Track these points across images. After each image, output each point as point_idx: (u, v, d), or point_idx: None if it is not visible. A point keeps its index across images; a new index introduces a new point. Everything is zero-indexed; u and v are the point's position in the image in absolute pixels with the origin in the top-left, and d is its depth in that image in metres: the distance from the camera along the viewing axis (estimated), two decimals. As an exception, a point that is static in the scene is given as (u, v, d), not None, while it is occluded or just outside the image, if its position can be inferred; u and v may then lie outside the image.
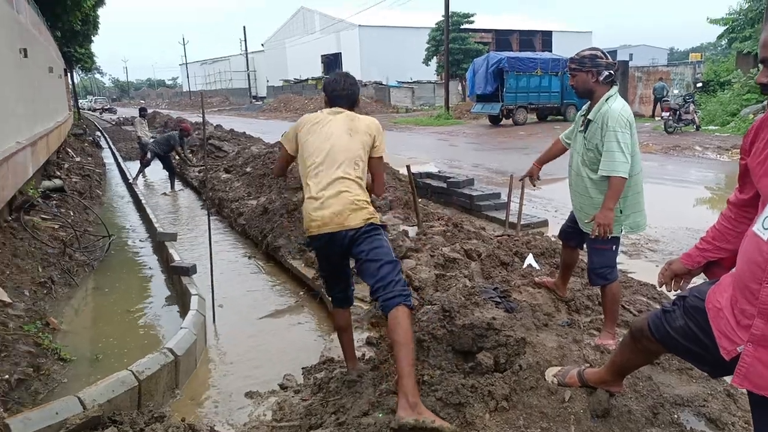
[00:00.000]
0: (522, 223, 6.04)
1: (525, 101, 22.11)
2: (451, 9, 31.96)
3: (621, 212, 3.10)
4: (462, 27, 36.40)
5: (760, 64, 1.41)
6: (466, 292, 3.46)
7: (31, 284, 4.41)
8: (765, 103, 14.95)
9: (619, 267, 4.89)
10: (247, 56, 56.81)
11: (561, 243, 3.81)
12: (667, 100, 17.30)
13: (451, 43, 32.56)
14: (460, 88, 35.36)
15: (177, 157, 10.80)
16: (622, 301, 3.91)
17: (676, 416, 2.42)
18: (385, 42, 44.59)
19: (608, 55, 3.12)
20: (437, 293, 3.67)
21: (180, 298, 4.60)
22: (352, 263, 2.85)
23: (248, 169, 9.00)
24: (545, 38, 50.57)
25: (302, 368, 3.28)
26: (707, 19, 22.87)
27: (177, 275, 4.75)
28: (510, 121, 22.20)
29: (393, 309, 2.43)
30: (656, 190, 8.52)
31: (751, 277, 1.46)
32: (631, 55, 54.95)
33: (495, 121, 22.76)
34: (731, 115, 16.69)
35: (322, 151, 2.70)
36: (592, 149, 3.07)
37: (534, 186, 3.89)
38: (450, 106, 28.66)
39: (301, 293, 4.75)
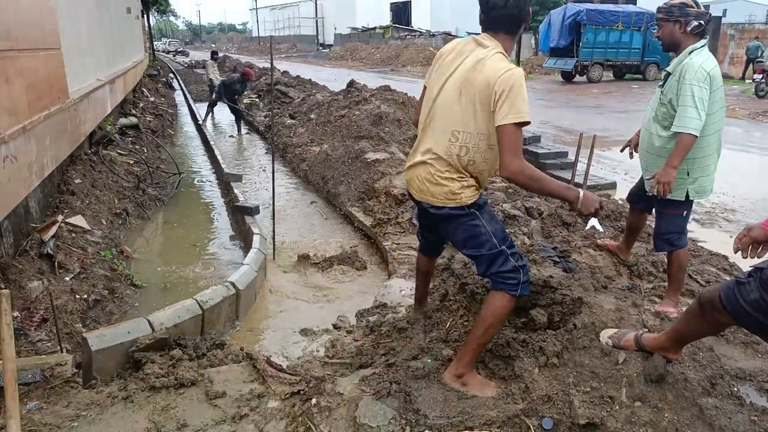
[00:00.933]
0: (589, 184, 5.81)
1: (602, 57, 20.88)
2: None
3: (688, 174, 2.93)
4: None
5: None
6: (525, 250, 3.41)
7: (107, 214, 4.70)
8: None
9: (689, 235, 4.67)
10: (316, 2, 56.32)
11: (629, 206, 3.67)
12: (761, 61, 15.88)
13: (528, -7, 30.85)
14: (533, 41, 33.78)
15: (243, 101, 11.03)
16: (689, 270, 3.75)
17: (735, 389, 2.32)
18: (454, -13, 42.99)
19: (699, 4, 2.88)
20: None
21: (243, 237, 4.78)
22: None
23: (312, 116, 9.07)
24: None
25: (357, 311, 3.37)
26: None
27: (241, 214, 4.93)
28: (584, 78, 21.12)
29: (494, 291, 2.27)
30: (739, 157, 7.97)
31: None
32: (725, 11, 50.47)
33: (568, 77, 21.69)
34: (835, 80, 15.17)
35: (427, 106, 2.23)
36: (666, 104, 2.89)
37: (632, 157, 3.51)
38: (522, 60, 27.50)
39: (359, 239, 4.83)
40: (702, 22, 2.83)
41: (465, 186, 2.19)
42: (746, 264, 1.99)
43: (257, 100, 11.87)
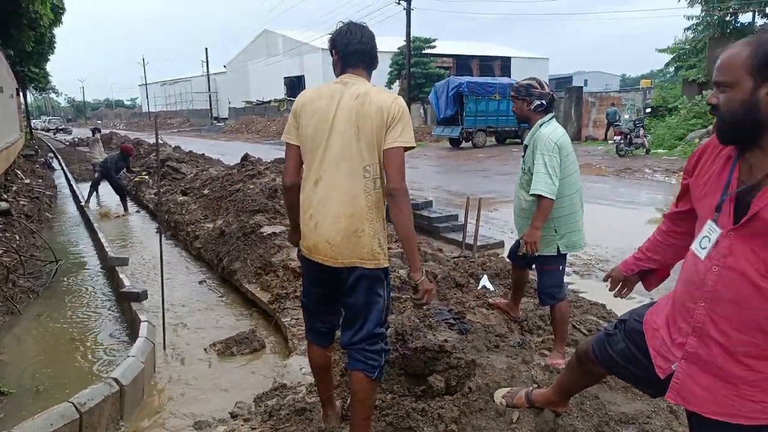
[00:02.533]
0: (478, 244, 6.13)
1: (484, 124, 22.60)
2: (414, 34, 32.57)
3: (556, 231, 3.20)
4: (424, 52, 37.11)
5: (714, 86, 1.44)
6: (421, 314, 3.48)
7: (-32, 313, 4.20)
8: (710, 127, 15.69)
9: (570, 287, 5.03)
10: (209, 77, 56.38)
11: (511, 264, 3.90)
12: (619, 125, 17.96)
13: (414, 67, 33.11)
14: (422, 111, 35.89)
15: (129, 178, 10.59)
16: (573, 321, 4.00)
17: (620, 434, 2.47)
18: (347, 65, 44.88)
19: (545, 85, 3.28)
20: (392, 316, 3.67)
21: (129, 326, 4.46)
22: None
23: (206, 192, 8.88)
24: (504, 64, 51.95)
25: (255, 396, 3.22)
26: (656, 48, 24.09)
27: (127, 301, 4.61)
28: (470, 144, 22.63)
29: (354, 372, 2.22)
30: (608, 211, 8.80)
31: (687, 296, 1.51)
32: (586, 81, 57.02)
33: (456, 143, 23.15)
34: (678, 139, 17.45)
35: (318, 149, 2.13)
36: (527, 172, 3.20)
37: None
38: (412, 128, 28.94)
39: (257, 318, 4.68)
40: (544, 101, 3.21)
41: (380, 244, 2.16)
42: (622, 311, 2.18)
43: (146, 177, 11.44)
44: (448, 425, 2.34)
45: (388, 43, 42.58)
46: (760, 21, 19.21)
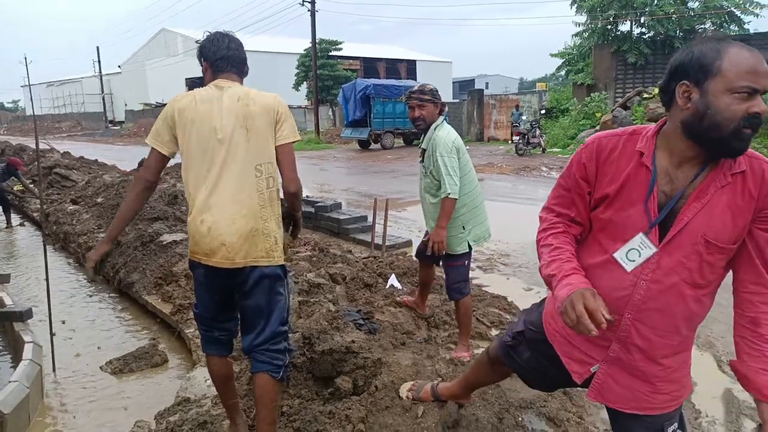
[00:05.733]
0: (387, 244, 6.21)
1: (392, 126, 22.98)
2: (320, 36, 32.41)
3: (464, 228, 3.33)
4: (330, 54, 37.09)
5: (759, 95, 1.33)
6: (330, 317, 3.47)
7: None
8: (597, 127, 16.95)
9: (475, 281, 5.22)
10: (101, 78, 52.87)
11: (418, 262, 3.99)
12: (517, 125, 18.97)
13: (321, 69, 33.02)
14: (330, 113, 35.85)
15: (15, 191, 9.70)
16: (476, 314, 4.17)
17: (520, 419, 2.60)
18: (253, 67, 43.55)
19: None
20: (300, 320, 3.63)
21: (12, 348, 4.08)
22: None
23: (100, 200, 8.31)
24: (410, 66, 53.11)
25: (157, 413, 3.05)
26: (549, 53, 25.69)
27: (9, 321, 4.21)
28: (379, 146, 22.91)
29: (258, 375, 2.20)
30: (509, 208, 9.24)
31: (610, 306, 1.43)
32: (487, 84, 59.66)
33: (364, 145, 23.35)
34: (570, 139, 18.70)
35: (206, 154, 2.10)
36: (429, 175, 3.29)
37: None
38: (321, 130, 28.90)
39: (158, 331, 4.45)
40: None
41: (276, 242, 2.17)
42: (522, 303, 2.27)
43: (32, 186, 10.52)
44: (355, 425, 2.35)
45: (294, 45, 42.23)
46: (636, 29, 21.01)
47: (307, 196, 8.88)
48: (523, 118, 20.18)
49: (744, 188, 1.39)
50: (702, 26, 20.00)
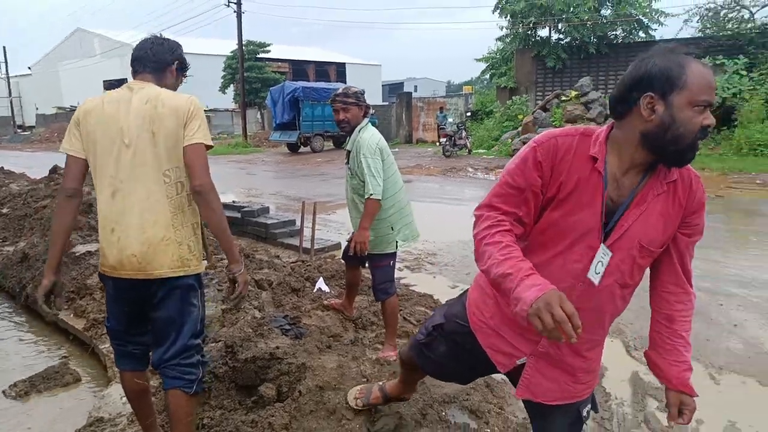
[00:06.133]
0: (316, 247, 6.17)
1: (321, 129, 22.84)
2: (247, 38, 31.76)
3: (392, 229, 3.37)
4: (258, 56, 36.44)
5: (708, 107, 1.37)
6: (255, 324, 3.40)
7: None
8: (519, 129, 17.61)
9: (402, 281, 5.28)
10: (9, 80, 49.30)
11: (345, 264, 3.99)
12: (444, 128, 19.39)
13: (248, 72, 32.37)
14: (259, 116, 35.18)
15: None
16: (403, 313, 4.22)
17: (443, 413, 2.65)
18: (176, 69, 42.38)
19: None
20: (224, 329, 3.53)
21: None
22: None
23: (5, 210, 7.74)
24: (339, 69, 53.07)
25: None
26: (474, 57, 26.43)
27: None
28: (308, 149, 22.72)
29: (170, 392, 2.11)
30: (437, 208, 9.42)
31: None
32: (416, 87, 60.52)
33: (294, 148, 23.09)
34: (495, 140, 19.32)
35: (110, 158, 2.00)
36: (355, 176, 3.30)
37: None
38: (249, 134, 28.33)
39: (71, 348, 4.19)
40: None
41: (190, 250, 2.08)
42: (445, 299, 2.28)
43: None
44: (278, 432, 2.31)
45: (221, 46, 41.13)
46: (555, 35, 22.02)
47: (234, 201, 8.68)
48: (450, 120, 20.66)
49: (675, 197, 1.47)
50: (614, 32, 21.23)
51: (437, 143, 20.03)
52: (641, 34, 20.82)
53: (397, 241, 3.42)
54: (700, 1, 20.21)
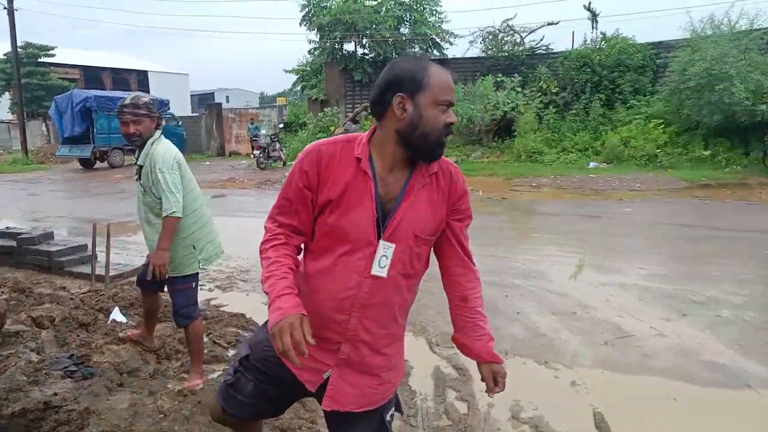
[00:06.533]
0: (112, 273, 5.56)
1: (120, 142, 20.79)
2: (28, 40, 27.79)
3: (194, 248, 3.18)
4: (41, 60, 32.07)
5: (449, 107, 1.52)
6: (31, 369, 2.95)
7: None
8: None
9: (213, 302, 5.03)
10: None
11: (141, 290, 3.66)
12: (257, 139, 19.08)
13: (28, 78, 28.38)
14: (44, 128, 30.92)
15: None
16: (213, 336, 4.01)
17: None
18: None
19: None
20: (-12, 380, 2.99)
21: None
22: None
23: None
24: (141, 78, 49.10)
25: None
26: (284, 69, 26.50)
27: None
28: (106, 164, 20.57)
29: None
30: (251, 223, 9.16)
31: (337, 311, 1.55)
32: (227, 98, 58.60)
33: (88, 164, 20.69)
34: (310, 152, 19.52)
35: None
36: (149, 193, 3.06)
37: None
38: (31, 149, 24.78)
39: None
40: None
41: None
42: (260, 318, 2.16)
43: None
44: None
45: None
46: (360, 50, 23.05)
47: (7, 228, 7.47)
48: (263, 132, 20.40)
49: (438, 186, 1.59)
50: (413, 49, 22.96)
51: (252, 155, 19.61)
52: (435, 52, 22.82)
53: (199, 261, 3.24)
54: (482, 24, 22.86)
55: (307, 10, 22.68)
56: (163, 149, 3.05)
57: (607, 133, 15.80)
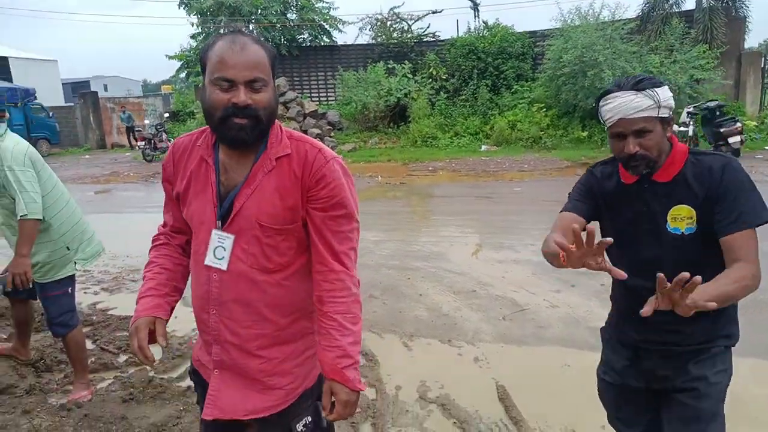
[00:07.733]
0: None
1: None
2: None
3: (68, 248, 2.91)
4: None
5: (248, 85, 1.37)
6: None
7: None
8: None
9: (99, 306, 4.64)
10: None
11: (9, 300, 3.29)
12: (140, 130, 17.87)
13: None
14: None
15: None
16: (102, 342, 3.73)
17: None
18: None
19: None
20: None
21: None
22: None
23: None
24: (1, 65, 44.03)
25: None
26: (166, 55, 24.84)
27: None
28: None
29: None
30: (140, 219, 8.58)
31: (200, 309, 1.48)
32: (105, 86, 54.14)
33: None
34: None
35: None
36: (5, 195, 2.74)
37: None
38: None
39: None
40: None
41: None
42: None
43: None
44: None
45: None
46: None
47: None
48: (147, 122, 19.14)
49: (289, 170, 1.41)
50: (302, 36, 22.51)
51: (137, 147, 18.34)
52: (325, 38, 22.58)
53: (77, 261, 2.95)
54: (370, 11, 22.92)
55: (184, -9, 21.47)
56: (11, 144, 2.71)
57: (495, 117, 16.56)
